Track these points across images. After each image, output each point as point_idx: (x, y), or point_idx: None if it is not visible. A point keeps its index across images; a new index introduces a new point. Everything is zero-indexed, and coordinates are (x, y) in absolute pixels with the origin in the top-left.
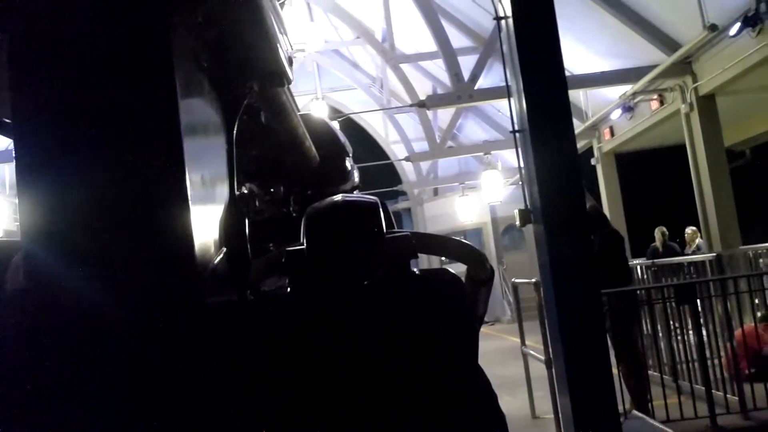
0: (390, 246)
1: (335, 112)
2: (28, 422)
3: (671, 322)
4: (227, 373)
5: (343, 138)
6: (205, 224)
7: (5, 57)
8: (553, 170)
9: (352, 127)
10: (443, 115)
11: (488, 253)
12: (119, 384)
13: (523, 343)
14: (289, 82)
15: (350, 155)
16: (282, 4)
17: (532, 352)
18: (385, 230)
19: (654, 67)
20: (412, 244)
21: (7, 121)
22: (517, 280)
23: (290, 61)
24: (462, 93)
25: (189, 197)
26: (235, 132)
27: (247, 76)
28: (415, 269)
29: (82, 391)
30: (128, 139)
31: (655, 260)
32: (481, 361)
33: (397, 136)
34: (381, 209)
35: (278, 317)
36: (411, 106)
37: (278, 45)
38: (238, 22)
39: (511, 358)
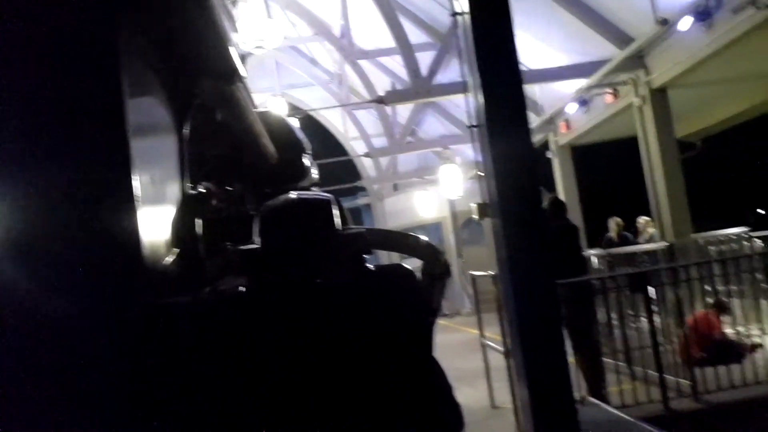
0: (344, 243)
1: (294, 109)
2: None
3: (625, 310)
4: (181, 371)
5: (301, 135)
6: (155, 225)
7: None
8: (510, 164)
9: (311, 123)
10: (402, 111)
11: (448, 246)
12: (67, 382)
13: (482, 334)
14: (241, 79)
15: (309, 152)
16: (234, 2)
17: (490, 343)
18: (339, 227)
19: (608, 61)
20: (366, 240)
21: None
22: (475, 273)
23: (242, 59)
24: (420, 89)
25: (137, 198)
26: (186, 131)
27: (198, 74)
28: (370, 265)
29: (29, 386)
30: (73, 140)
31: (610, 250)
32: (440, 354)
33: (356, 132)
34: (335, 206)
35: (233, 316)
36: (370, 102)
37: (229, 43)
38: (187, 21)
39: (471, 349)
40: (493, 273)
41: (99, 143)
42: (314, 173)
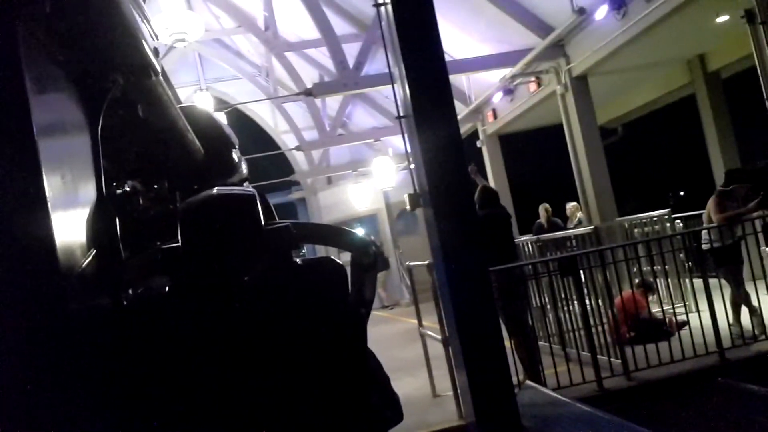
0: (269, 238)
1: (221, 103)
2: None
3: (557, 294)
4: (101, 376)
5: (228, 130)
6: (69, 226)
7: None
8: (438, 154)
9: (239, 118)
10: (332, 103)
11: (384, 238)
12: None
13: (420, 324)
14: (156, 73)
15: (236, 147)
16: None
17: (429, 332)
18: (262, 222)
19: (530, 50)
20: (292, 234)
21: None
22: (411, 263)
23: (156, 52)
24: (348, 80)
25: (47, 198)
26: (99, 127)
27: (109, 68)
28: (297, 259)
29: None
30: None
31: (540, 236)
32: (380, 345)
33: (286, 125)
34: (258, 201)
35: (155, 318)
36: (298, 94)
37: (140, 36)
38: (92, 12)
39: (411, 340)
40: (428, 262)
41: (3, 144)
42: (243, 169)
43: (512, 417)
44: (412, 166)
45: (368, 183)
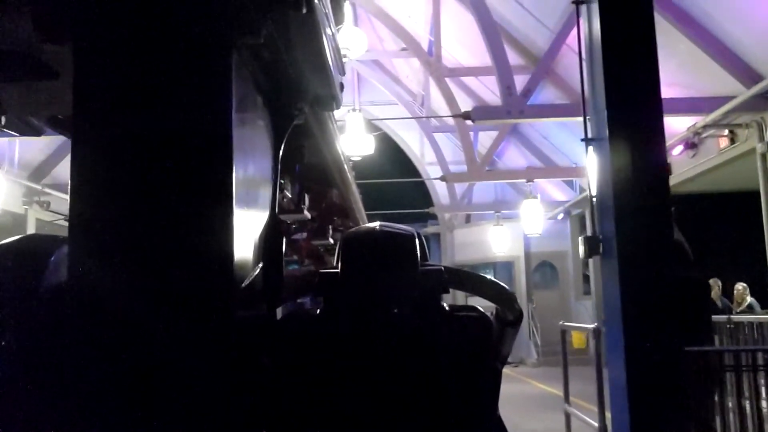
0: (422, 278)
1: (372, 127)
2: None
3: (745, 389)
4: (253, 385)
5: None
6: (246, 239)
7: (71, 60)
8: (635, 190)
9: (387, 143)
10: (483, 139)
11: (518, 289)
12: (147, 383)
13: (566, 399)
14: (338, 106)
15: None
16: (339, 29)
17: (578, 412)
18: (419, 262)
19: (729, 98)
20: (444, 278)
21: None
22: (567, 324)
23: (341, 86)
24: (512, 107)
25: (234, 212)
26: (281, 152)
27: (299, 97)
28: (444, 304)
29: (110, 384)
30: (183, 150)
31: (731, 316)
32: (504, 407)
33: (433, 156)
34: (417, 240)
35: (307, 337)
36: (455, 116)
37: (331, 69)
38: (295, 44)
39: (538, 407)
40: (594, 326)
41: (206, 160)
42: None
43: None
44: (593, 200)
45: (509, 227)
